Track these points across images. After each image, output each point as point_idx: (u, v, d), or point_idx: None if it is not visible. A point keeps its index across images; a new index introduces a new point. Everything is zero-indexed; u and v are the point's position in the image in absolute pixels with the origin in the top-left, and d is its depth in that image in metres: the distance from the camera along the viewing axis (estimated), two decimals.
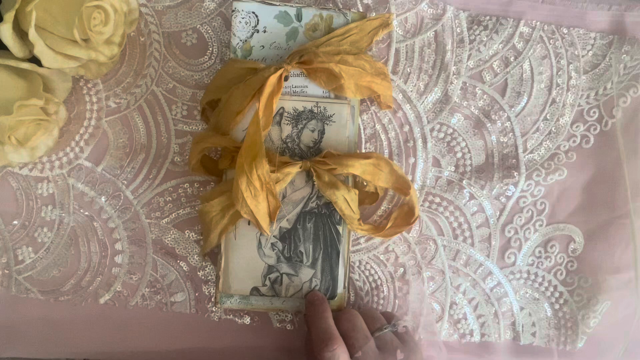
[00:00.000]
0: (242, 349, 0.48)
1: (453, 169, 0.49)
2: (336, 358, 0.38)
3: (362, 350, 0.39)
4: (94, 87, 0.47)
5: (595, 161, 0.49)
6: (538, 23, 0.49)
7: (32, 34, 0.38)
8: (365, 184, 0.46)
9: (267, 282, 0.44)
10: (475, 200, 0.49)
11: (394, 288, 0.48)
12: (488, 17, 0.49)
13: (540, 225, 0.49)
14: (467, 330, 0.49)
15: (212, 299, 0.47)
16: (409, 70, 0.48)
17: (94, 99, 0.47)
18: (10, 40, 0.38)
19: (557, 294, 0.49)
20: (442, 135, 0.49)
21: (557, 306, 0.50)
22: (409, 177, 0.48)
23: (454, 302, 0.49)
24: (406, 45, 0.48)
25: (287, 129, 0.44)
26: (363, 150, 0.48)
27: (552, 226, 0.49)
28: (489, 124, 0.49)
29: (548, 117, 0.49)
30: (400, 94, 0.48)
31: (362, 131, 0.48)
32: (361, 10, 0.47)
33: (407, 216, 0.45)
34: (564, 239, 0.49)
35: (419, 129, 0.49)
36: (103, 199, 0.47)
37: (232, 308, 0.45)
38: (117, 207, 0.47)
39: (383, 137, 0.48)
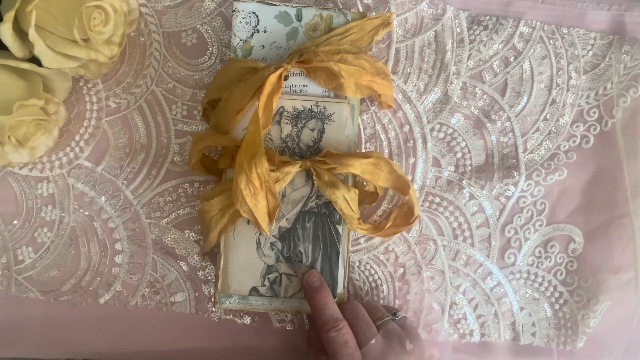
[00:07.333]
0: (242, 349, 0.48)
1: (453, 169, 0.49)
2: (342, 335, 0.39)
3: (366, 337, 0.40)
4: (94, 87, 0.47)
5: (595, 161, 0.49)
6: (538, 23, 0.49)
7: (32, 34, 0.38)
8: (365, 183, 0.46)
9: (266, 283, 0.44)
10: (475, 200, 0.49)
11: (394, 288, 0.48)
12: (488, 17, 0.49)
13: (540, 225, 0.49)
14: (467, 330, 0.49)
15: (212, 299, 0.47)
16: (409, 70, 0.48)
17: (94, 99, 0.47)
18: (10, 40, 0.38)
19: (557, 294, 0.49)
20: (442, 135, 0.49)
21: (557, 306, 0.49)
22: (409, 177, 0.48)
23: (454, 302, 0.49)
24: (406, 45, 0.48)
25: (287, 128, 0.44)
26: (363, 150, 0.48)
27: (552, 226, 0.49)
28: (489, 124, 0.49)
29: (548, 117, 0.49)
30: (400, 94, 0.48)
31: (362, 131, 0.48)
32: (361, 10, 0.47)
33: (406, 216, 0.45)
34: (563, 239, 0.49)
35: (419, 129, 0.49)
36: (103, 199, 0.47)
37: (231, 308, 0.45)
38: (117, 207, 0.47)
39: (383, 137, 0.48)
